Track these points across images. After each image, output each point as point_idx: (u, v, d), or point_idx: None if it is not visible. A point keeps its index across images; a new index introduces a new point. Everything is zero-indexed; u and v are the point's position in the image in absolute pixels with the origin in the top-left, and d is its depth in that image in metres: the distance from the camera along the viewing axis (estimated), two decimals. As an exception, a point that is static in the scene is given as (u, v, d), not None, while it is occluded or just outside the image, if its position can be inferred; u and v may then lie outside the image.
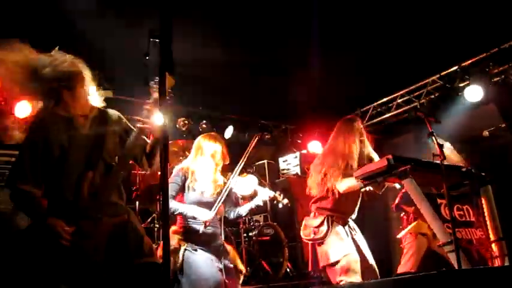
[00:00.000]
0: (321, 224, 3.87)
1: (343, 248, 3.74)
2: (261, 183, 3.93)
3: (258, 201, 3.78)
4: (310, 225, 3.94)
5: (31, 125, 2.45)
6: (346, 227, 3.94)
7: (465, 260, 3.18)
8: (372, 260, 3.88)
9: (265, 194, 3.80)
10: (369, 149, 4.06)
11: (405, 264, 4.61)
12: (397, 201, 4.84)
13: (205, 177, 3.66)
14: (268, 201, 3.85)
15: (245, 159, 3.82)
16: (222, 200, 3.59)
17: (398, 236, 4.76)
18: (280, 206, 3.95)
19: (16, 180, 2.36)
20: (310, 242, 3.98)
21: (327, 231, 3.81)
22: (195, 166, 3.69)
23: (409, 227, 4.69)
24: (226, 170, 3.84)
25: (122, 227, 2.47)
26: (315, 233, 3.88)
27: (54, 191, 2.38)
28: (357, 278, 3.63)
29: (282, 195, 3.91)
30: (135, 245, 2.46)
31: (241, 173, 3.82)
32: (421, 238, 4.57)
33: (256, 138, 4.06)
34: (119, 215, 2.51)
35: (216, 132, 4.17)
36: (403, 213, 4.92)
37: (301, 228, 4.06)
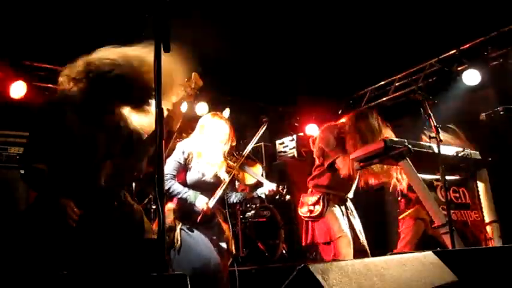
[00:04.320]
0: (317, 202, 3.91)
1: (337, 228, 3.79)
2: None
3: (262, 194, 3.78)
4: (307, 202, 3.98)
5: (46, 105, 2.40)
6: (343, 207, 3.98)
7: (459, 242, 3.21)
8: (364, 241, 3.94)
9: (269, 187, 3.74)
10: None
11: (402, 249, 4.65)
12: (401, 187, 4.82)
13: (210, 159, 3.54)
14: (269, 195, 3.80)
15: (253, 145, 3.79)
16: (224, 187, 3.54)
17: (400, 217, 4.77)
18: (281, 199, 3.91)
19: (30, 159, 2.35)
20: (306, 220, 4.02)
21: (322, 210, 3.86)
22: (200, 146, 3.56)
23: (409, 211, 4.69)
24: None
25: (126, 210, 2.49)
26: (310, 212, 3.92)
27: (67, 174, 2.35)
28: (349, 259, 3.68)
29: (285, 189, 3.86)
30: (137, 223, 2.49)
31: (249, 160, 3.78)
32: (419, 223, 4.59)
33: (265, 125, 4.01)
34: (123, 199, 2.53)
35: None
36: (400, 197, 4.92)
37: (299, 205, 4.09)
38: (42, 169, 2.31)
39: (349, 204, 4.09)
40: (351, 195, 4.11)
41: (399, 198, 4.92)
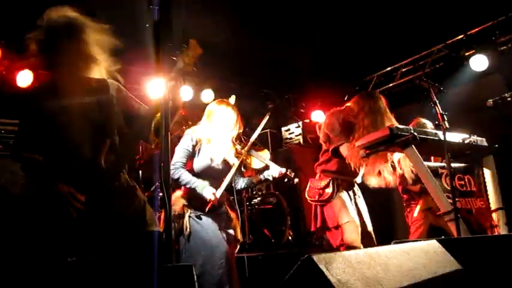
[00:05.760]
0: (327, 185, 3.93)
1: (345, 213, 3.81)
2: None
3: (269, 176, 3.78)
4: (316, 186, 4.01)
5: (28, 95, 2.42)
6: (350, 192, 4.00)
7: (464, 229, 3.22)
8: (370, 227, 3.96)
9: (276, 170, 3.77)
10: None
11: None
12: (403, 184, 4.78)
13: (220, 145, 3.58)
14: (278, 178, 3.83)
15: (259, 131, 3.81)
16: (232, 173, 3.57)
17: (415, 215, 4.74)
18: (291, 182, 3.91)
19: (20, 149, 2.37)
20: (314, 203, 4.04)
21: (332, 194, 3.88)
22: (209, 133, 3.59)
23: (419, 205, 4.68)
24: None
25: (126, 197, 2.49)
26: (319, 195, 3.94)
27: (62, 161, 2.36)
28: (356, 244, 3.71)
29: (293, 173, 3.88)
30: (138, 214, 2.49)
31: (255, 146, 3.80)
32: (427, 213, 4.59)
33: (269, 115, 4.03)
34: (124, 184, 2.53)
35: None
36: (402, 192, 4.90)
37: (306, 190, 4.11)
38: (36, 158, 2.32)
39: (356, 189, 4.11)
40: (358, 180, 4.12)
41: (402, 194, 4.90)
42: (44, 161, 2.34)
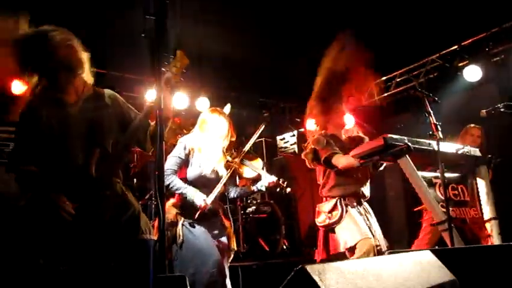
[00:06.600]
0: (334, 207, 3.80)
1: (359, 231, 3.66)
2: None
3: (261, 186, 3.74)
4: (323, 210, 3.87)
5: (22, 110, 2.43)
6: (361, 208, 3.88)
7: (458, 239, 3.23)
8: (383, 246, 3.77)
9: (269, 180, 3.71)
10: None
11: (423, 239, 4.60)
12: None
13: (210, 154, 3.56)
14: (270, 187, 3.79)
15: (252, 142, 3.78)
16: (223, 182, 3.55)
17: (416, 209, 4.70)
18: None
19: (17, 162, 2.38)
20: (324, 228, 3.88)
21: (342, 214, 3.74)
22: (200, 142, 3.58)
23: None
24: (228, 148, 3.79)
25: (120, 205, 2.48)
26: (329, 218, 3.78)
27: (56, 170, 2.36)
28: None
29: (286, 182, 3.80)
30: (133, 222, 2.48)
31: (248, 154, 3.78)
32: None
33: (264, 125, 4.01)
34: (118, 193, 2.52)
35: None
36: None
37: (315, 215, 3.96)
38: (33, 170, 2.34)
39: (366, 205, 3.98)
40: (366, 191, 3.99)
41: None
42: (39, 171, 2.35)
